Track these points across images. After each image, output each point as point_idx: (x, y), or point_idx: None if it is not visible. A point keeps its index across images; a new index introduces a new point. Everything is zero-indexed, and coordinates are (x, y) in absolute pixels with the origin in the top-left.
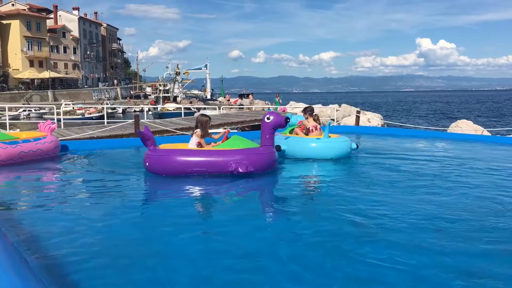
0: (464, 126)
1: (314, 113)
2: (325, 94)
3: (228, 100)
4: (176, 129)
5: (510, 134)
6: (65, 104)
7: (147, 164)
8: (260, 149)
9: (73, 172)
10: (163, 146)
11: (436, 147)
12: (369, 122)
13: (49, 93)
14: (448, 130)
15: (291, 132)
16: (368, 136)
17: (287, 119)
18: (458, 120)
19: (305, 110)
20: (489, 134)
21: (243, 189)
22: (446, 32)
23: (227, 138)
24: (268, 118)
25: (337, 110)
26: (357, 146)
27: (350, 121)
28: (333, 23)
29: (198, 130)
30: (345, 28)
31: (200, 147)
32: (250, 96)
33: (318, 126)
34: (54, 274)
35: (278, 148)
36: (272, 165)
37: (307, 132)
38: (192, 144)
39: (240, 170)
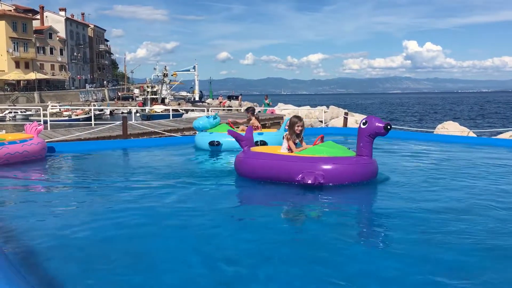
0: (450, 127)
1: (255, 113)
2: (313, 96)
3: (220, 102)
4: (164, 130)
5: (495, 136)
6: (52, 106)
7: (235, 165)
8: (353, 158)
9: (60, 174)
10: (256, 149)
11: (419, 148)
12: (357, 123)
13: (36, 94)
14: (435, 132)
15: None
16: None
17: (387, 126)
18: (444, 122)
19: (247, 110)
20: (474, 135)
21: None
22: (433, 34)
23: (318, 143)
24: (364, 123)
25: (325, 112)
26: None
27: (338, 122)
28: (322, 25)
29: (286, 133)
30: (333, 30)
31: (290, 152)
32: (240, 97)
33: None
34: (39, 275)
35: (217, 143)
36: (368, 176)
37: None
38: (283, 148)
39: (308, 181)
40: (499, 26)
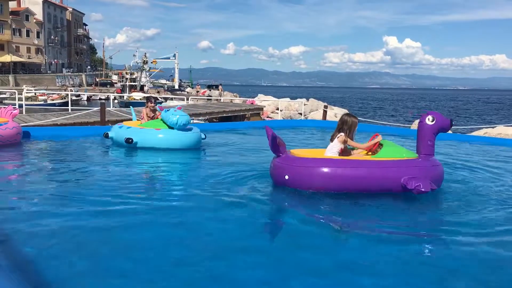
0: None
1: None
2: (293, 88)
3: (198, 92)
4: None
5: (470, 132)
6: (27, 90)
7: (286, 177)
8: (418, 160)
9: (35, 160)
10: (294, 152)
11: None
12: (336, 117)
13: (10, 77)
14: (411, 127)
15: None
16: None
17: (451, 122)
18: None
19: (148, 99)
20: (450, 132)
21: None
22: (412, 31)
23: (379, 145)
24: (431, 120)
25: (304, 104)
26: (205, 136)
27: (317, 115)
28: (304, 17)
29: (342, 134)
30: (315, 23)
31: (343, 156)
32: (220, 87)
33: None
34: (16, 264)
35: (130, 140)
36: (437, 182)
37: None
38: (332, 151)
39: (423, 189)
40: (477, 25)
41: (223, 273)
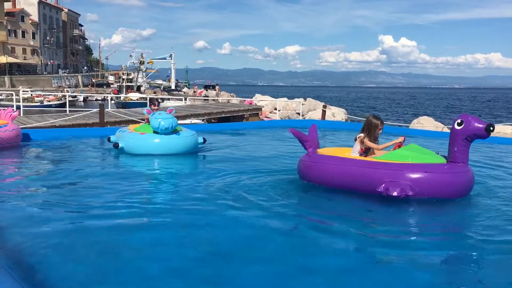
0: (425, 123)
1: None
2: (289, 88)
3: (195, 92)
4: (141, 119)
5: None
6: (23, 91)
7: (299, 170)
8: (445, 166)
9: (35, 162)
10: (322, 151)
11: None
12: (334, 116)
13: (6, 78)
14: (410, 126)
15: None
16: (333, 131)
17: (489, 127)
18: (420, 117)
19: (151, 101)
20: (449, 130)
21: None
22: (408, 30)
23: (399, 147)
24: (459, 124)
25: (302, 104)
26: (204, 140)
27: (315, 115)
28: (300, 17)
29: (361, 134)
30: (312, 23)
31: (364, 156)
32: (217, 87)
33: None
34: (17, 264)
35: (116, 145)
36: (464, 190)
37: None
38: (354, 151)
39: (393, 193)
40: (473, 23)
41: (223, 275)
